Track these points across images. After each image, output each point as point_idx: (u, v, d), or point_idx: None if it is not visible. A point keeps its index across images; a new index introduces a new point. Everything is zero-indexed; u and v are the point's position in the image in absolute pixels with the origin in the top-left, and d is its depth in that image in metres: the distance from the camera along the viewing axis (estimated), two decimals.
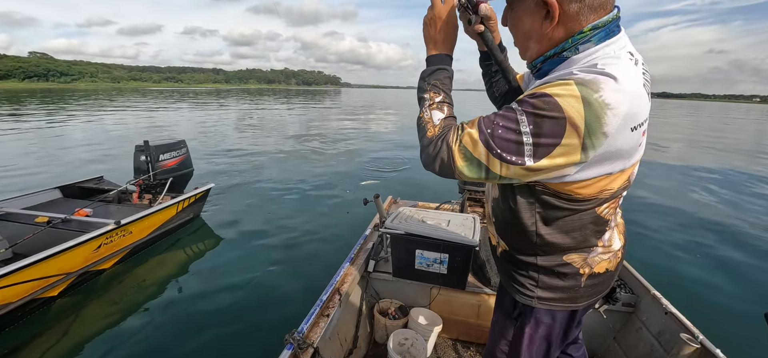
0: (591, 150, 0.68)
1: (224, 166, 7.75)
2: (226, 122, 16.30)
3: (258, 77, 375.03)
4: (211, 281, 3.35)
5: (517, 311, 0.99)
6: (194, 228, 4.41)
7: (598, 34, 0.72)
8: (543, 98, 0.67)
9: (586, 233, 0.85)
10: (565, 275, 0.89)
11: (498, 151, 0.71)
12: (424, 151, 0.81)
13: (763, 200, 7.04)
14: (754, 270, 4.11)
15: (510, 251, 0.96)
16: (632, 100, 0.68)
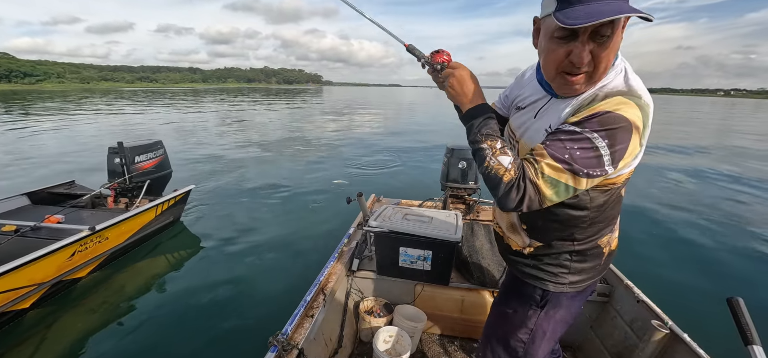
0: (644, 142, 0.83)
1: (205, 168, 7.57)
2: (205, 123, 15.90)
3: (237, 76, 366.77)
4: (193, 286, 3.28)
5: (545, 300, 1.07)
6: (175, 232, 4.30)
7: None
8: (607, 115, 0.78)
9: (613, 213, 0.99)
10: (594, 256, 1.02)
11: (584, 170, 0.79)
12: (507, 196, 0.82)
13: (725, 190, 7.44)
14: (717, 256, 4.36)
15: (543, 248, 1.04)
16: (647, 91, 0.84)
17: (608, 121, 0.77)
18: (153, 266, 3.59)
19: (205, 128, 13.94)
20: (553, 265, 1.03)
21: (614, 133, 0.77)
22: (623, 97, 0.79)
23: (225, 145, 10.36)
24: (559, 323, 1.11)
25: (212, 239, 4.19)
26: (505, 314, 1.16)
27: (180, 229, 4.41)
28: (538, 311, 1.08)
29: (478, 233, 2.41)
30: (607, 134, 0.77)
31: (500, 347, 1.17)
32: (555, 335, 1.13)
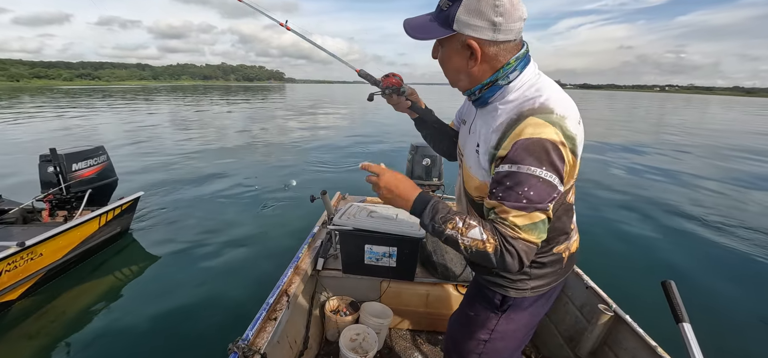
0: (578, 150, 0.86)
1: (156, 173, 7.07)
2: (157, 124, 14.87)
3: (192, 73, 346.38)
4: (146, 300, 3.05)
5: (506, 305, 1.08)
6: (123, 244, 3.98)
7: (519, 64, 0.89)
8: (530, 142, 0.80)
9: (565, 220, 1.02)
10: (553, 262, 1.05)
11: (545, 201, 0.81)
12: (504, 263, 0.82)
13: (661, 180, 8.19)
14: (654, 241, 4.78)
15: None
16: (568, 105, 0.86)
17: (535, 149, 0.79)
18: (99, 282, 3.30)
19: (157, 130, 13.04)
20: (514, 274, 1.04)
21: (546, 157, 0.79)
22: (535, 118, 0.81)
23: (179, 147, 9.76)
24: (521, 327, 1.13)
25: (166, 248, 3.93)
26: (468, 316, 1.19)
27: (129, 240, 4.09)
28: (499, 315, 1.10)
29: None
30: (541, 161, 0.79)
31: (461, 345, 1.21)
32: (518, 337, 1.15)
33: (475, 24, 0.83)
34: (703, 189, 7.12)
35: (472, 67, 0.89)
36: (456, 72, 0.94)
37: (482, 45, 0.85)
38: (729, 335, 2.93)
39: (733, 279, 3.79)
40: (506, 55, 0.87)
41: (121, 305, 3.00)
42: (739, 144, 13.86)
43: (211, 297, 3.10)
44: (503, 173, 0.82)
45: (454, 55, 0.90)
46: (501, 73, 0.88)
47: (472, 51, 0.86)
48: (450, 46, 0.90)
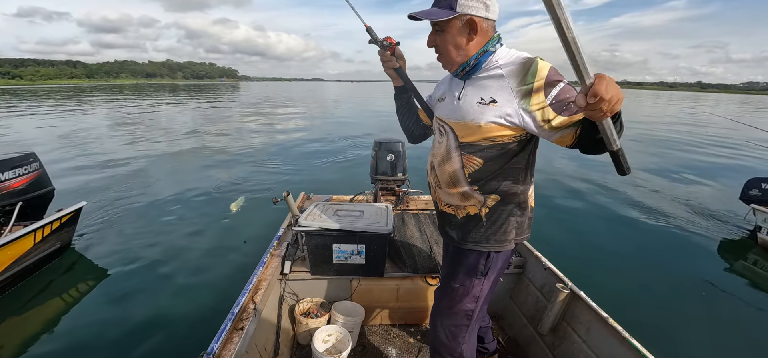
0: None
1: (98, 180, 6.46)
2: (95, 127, 13.55)
3: (133, 71, 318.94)
4: (97, 321, 2.79)
5: (487, 267, 1.23)
6: (66, 261, 3.60)
7: (499, 38, 1.15)
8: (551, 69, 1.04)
9: (532, 169, 1.21)
10: (528, 209, 1.23)
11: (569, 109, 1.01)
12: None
13: (609, 166, 8.91)
14: (601, 225, 5.22)
15: (499, 203, 1.19)
16: None
17: (554, 73, 1.03)
18: (40, 307, 2.95)
19: (96, 133, 11.88)
20: (500, 224, 1.20)
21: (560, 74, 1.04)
22: (540, 61, 1.05)
23: (123, 151, 8.98)
24: (493, 284, 1.30)
25: (116, 263, 3.62)
26: (452, 288, 1.30)
27: (72, 256, 3.71)
28: (482, 279, 1.25)
29: (408, 223, 2.50)
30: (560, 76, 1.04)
31: (450, 321, 1.31)
32: (490, 295, 1.32)
33: (473, 5, 1.08)
34: (637, 171, 7.88)
35: (471, 41, 1.11)
36: (457, 48, 1.14)
37: (479, 21, 1.09)
38: (653, 292, 3.29)
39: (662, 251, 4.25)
40: (491, 31, 1.13)
41: (68, 329, 2.72)
42: (669, 133, 15.49)
43: (170, 312, 2.91)
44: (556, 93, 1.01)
45: (457, 33, 1.12)
46: (491, 43, 1.12)
47: (473, 26, 1.09)
48: (452, 26, 1.11)
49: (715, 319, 3.14)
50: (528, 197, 1.22)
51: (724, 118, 18.27)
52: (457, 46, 1.13)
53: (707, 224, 5.09)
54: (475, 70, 1.15)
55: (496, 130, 1.10)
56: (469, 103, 1.14)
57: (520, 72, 1.05)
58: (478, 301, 1.27)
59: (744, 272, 4.00)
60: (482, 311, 1.33)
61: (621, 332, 1.50)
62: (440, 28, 1.14)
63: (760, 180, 4.53)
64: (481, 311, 1.31)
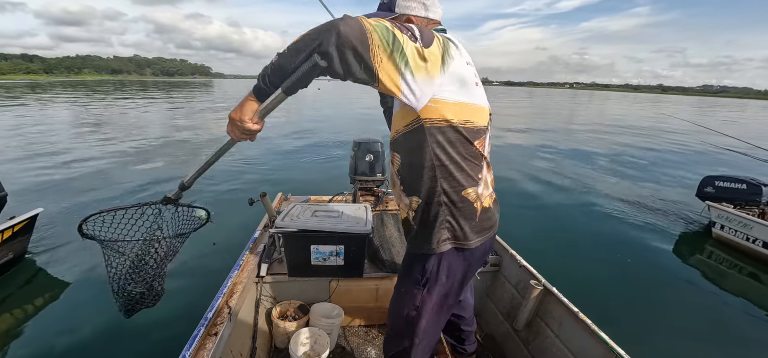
0: (445, 60, 0.98)
1: (57, 184, 6.07)
2: (55, 126, 12.71)
3: (97, 66, 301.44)
4: (58, 334, 2.61)
5: (427, 275, 1.14)
6: (20, 272, 3.36)
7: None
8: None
9: (473, 165, 1.08)
10: (466, 209, 1.10)
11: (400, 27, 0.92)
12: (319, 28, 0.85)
13: (580, 166, 9.29)
14: (569, 222, 5.43)
15: (422, 204, 1.11)
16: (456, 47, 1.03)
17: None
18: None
19: (55, 133, 11.14)
20: (433, 224, 1.10)
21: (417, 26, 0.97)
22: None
23: (84, 152, 8.47)
24: (446, 293, 1.18)
25: (77, 272, 3.40)
26: (400, 293, 1.26)
27: (28, 267, 3.47)
28: (422, 288, 1.17)
29: (387, 223, 2.50)
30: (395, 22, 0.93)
31: (397, 324, 1.27)
32: (442, 306, 1.21)
33: (411, 5, 1.10)
34: (604, 170, 8.27)
35: None
36: None
37: (419, 21, 1.09)
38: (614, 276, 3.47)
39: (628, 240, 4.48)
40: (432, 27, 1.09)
41: (24, 347, 2.53)
42: (632, 135, 16.34)
43: (139, 321, 2.70)
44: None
45: None
46: None
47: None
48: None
49: (675, 308, 3.35)
50: (462, 196, 1.08)
51: (684, 121, 19.50)
52: None
53: (667, 219, 5.41)
54: None
55: (401, 116, 1.07)
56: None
57: None
58: (419, 310, 1.18)
59: (700, 264, 4.28)
60: (431, 323, 1.21)
61: (590, 326, 1.56)
62: None
63: (713, 178, 4.86)
64: (429, 322, 1.21)
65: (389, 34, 0.86)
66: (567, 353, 1.66)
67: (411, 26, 0.94)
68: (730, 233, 4.41)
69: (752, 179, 4.54)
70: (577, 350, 1.61)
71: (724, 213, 4.47)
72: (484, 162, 1.13)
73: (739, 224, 4.31)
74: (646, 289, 3.62)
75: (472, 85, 1.05)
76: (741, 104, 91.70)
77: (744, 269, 4.07)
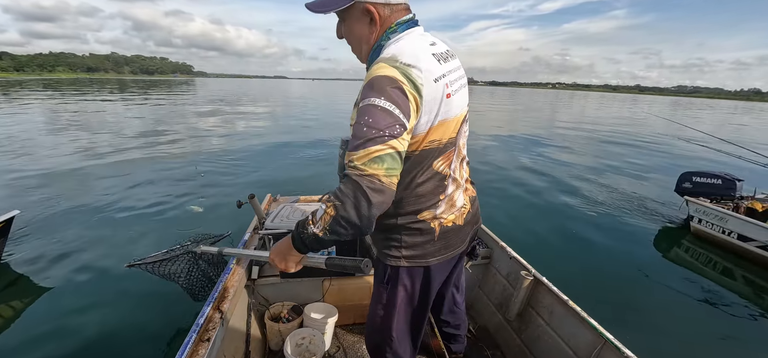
0: (419, 97, 0.88)
1: (32, 186, 5.80)
2: (27, 125, 12.16)
3: (71, 64, 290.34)
4: (39, 343, 2.48)
5: (387, 276, 1.13)
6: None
7: (402, 27, 0.97)
8: (373, 79, 0.85)
9: (432, 187, 1.04)
10: (422, 231, 1.07)
11: (386, 132, 0.82)
12: (353, 214, 0.83)
13: (562, 165, 9.49)
14: (561, 216, 5.54)
15: (379, 222, 1.06)
16: (423, 60, 0.91)
17: (375, 83, 0.85)
18: None
19: (28, 133, 10.65)
20: (389, 240, 1.10)
21: (384, 89, 0.84)
22: (382, 63, 0.88)
23: (61, 153, 8.14)
24: (408, 298, 1.16)
25: (58, 277, 3.26)
26: (374, 292, 1.27)
27: (3, 272, 3.31)
28: (386, 287, 1.17)
29: None
30: (380, 92, 0.83)
31: (369, 321, 1.29)
32: (410, 310, 1.19)
33: None
34: (587, 167, 8.48)
35: (373, 32, 0.98)
36: (359, 41, 1.01)
37: (378, 8, 0.95)
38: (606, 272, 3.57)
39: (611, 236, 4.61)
40: (395, 17, 0.97)
41: (1, 353, 2.41)
42: (612, 132, 16.82)
43: (126, 330, 2.63)
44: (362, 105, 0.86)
45: (356, 23, 0.99)
46: (384, 36, 0.97)
47: (371, 15, 0.95)
48: (351, 17, 0.98)
49: (656, 297, 3.48)
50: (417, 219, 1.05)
51: (659, 117, 20.21)
52: (358, 39, 1.01)
53: (648, 214, 5.60)
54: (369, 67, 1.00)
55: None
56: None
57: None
58: (386, 310, 1.19)
59: (679, 257, 4.45)
60: (401, 322, 1.20)
61: (580, 313, 1.60)
62: (342, 17, 1.01)
63: (691, 174, 5.05)
64: (398, 324, 1.20)
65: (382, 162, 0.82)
66: (558, 340, 1.70)
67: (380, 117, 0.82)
68: (707, 226, 4.60)
69: (727, 175, 4.74)
70: (568, 337, 1.65)
71: (701, 207, 4.65)
72: (449, 180, 1.07)
73: (715, 217, 4.49)
74: (628, 280, 3.73)
75: (444, 99, 0.94)
76: (712, 104, 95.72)
77: (720, 260, 4.25)
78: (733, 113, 42.84)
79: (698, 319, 3.24)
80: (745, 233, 4.18)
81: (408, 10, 1.01)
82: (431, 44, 0.99)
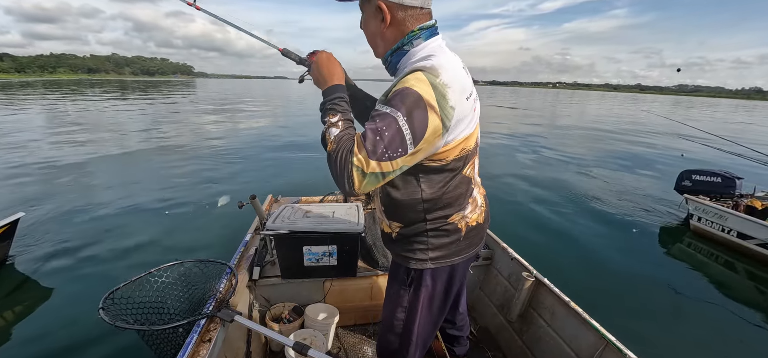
0: (447, 121, 0.89)
1: (36, 187, 5.83)
2: (30, 127, 12.19)
3: (72, 65, 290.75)
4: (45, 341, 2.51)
5: (410, 279, 1.16)
6: (2, 279, 3.23)
7: (424, 33, 0.98)
8: (404, 91, 0.86)
9: (458, 193, 1.08)
10: (449, 232, 1.10)
11: (388, 153, 0.84)
12: (330, 167, 0.89)
13: (561, 164, 9.48)
14: (557, 217, 5.55)
15: (404, 229, 1.12)
16: (460, 79, 0.93)
17: (404, 96, 0.84)
18: None
19: (31, 135, 10.67)
20: (414, 243, 1.12)
21: (410, 109, 0.84)
22: (420, 73, 0.87)
23: (64, 155, 8.16)
24: (431, 299, 1.19)
25: (61, 278, 3.29)
26: (389, 295, 1.28)
27: (10, 273, 3.34)
28: (408, 289, 1.19)
29: (379, 222, 2.51)
30: (405, 110, 0.84)
31: (387, 325, 1.29)
32: (432, 311, 1.21)
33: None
34: (588, 166, 8.48)
35: (384, 30, 0.98)
36: (373, 36, 1.03)
37: (391, 8, 0.95)
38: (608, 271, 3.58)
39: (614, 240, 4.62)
40: (413, 23, 0.97)
41: (6, 353, 2.43)
42: (613, 131, 16.80)
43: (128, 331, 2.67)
44: (377, 109, 0.88)
45: (370, 18, 1.00)
46: (407, 39, 0.97)
47: (383, 14, 0.95)
48: (367, 11, 1.00)
49: (657, 296, 3.48)
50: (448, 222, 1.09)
51: (660, 117, 20.20)
52: (373, 34, 1.03)
53: (648, 213, 5.60)
54: (393, 68, 1.04)
55: None
56: None
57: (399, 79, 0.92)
58: (409, 313, 1.21)
59: (680, 254, 4.45)
60: (422, 324, 1.22)
61: (581, 314, 1.60)
62: (362, 10, 1.03)
63: (691, 172, 5.05)
64: (420, 326, 1.21)
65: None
66: (560, 341, 1.70)
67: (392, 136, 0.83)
68: (707, 224, 4.60)
69: (726, 173, 4.75)
70: (569, 338, 1.65)
71: (701, 205, 4.65)
72: (473, 184, 1.12)
73: (715, 215, 4.49)
74: (629, 279, 3.74)
75: (471, 113, 0.98)
76: (713, 103, 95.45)
77: (720, 258, 4.25)
78: (734, 111, 42.72)
79: (699, 318, 3.24)
80: (744, 231, 4.18)
81: (430, 16, 0.99)
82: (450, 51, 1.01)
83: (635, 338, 2.80)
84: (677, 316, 3.20)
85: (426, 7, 0.98)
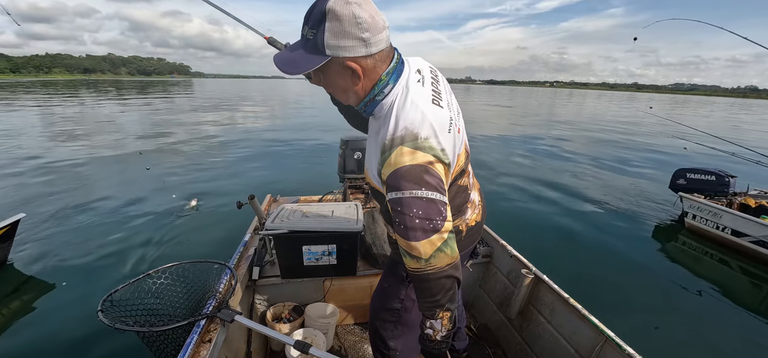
0: (446, 159, 0.90)
1: (35, 188, 5.81)
2: (26, 127, 12.12)
3: (68, 65, 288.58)
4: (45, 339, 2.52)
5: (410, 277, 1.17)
6: (3, 279, 3.23)
7: (391, 76, 0.93)
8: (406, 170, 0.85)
9: (458, 202, 1.12)
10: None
11: (437, 219, 0.86)
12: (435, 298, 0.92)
13: (561, 160, 9.52)
14: (559, 214, 5.58)
15: None
16: (436, 119, 0.91)
17: (409, 175, 0.84)
18: None
19: (28, 135, 10.62)
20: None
21: (422, 179, 0.85)
22: (404, 147, 0.86)
23: (62, 155, 8.12)
24: None
25: (62, 278, 3.29)
26: (383, 288, 1.32)
27: (11, 273, 3.34)
28: (407, 284, 1.23)
29: (378, 220, 2.52)
30: (420, 183, 0.85)
31: (380, 316, 1.33)
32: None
33: (346, 45, 0.84)
34: (583, 164, 8.53)
35: (357, 84, 0.92)
36: (344, 91, 0.96)
37: (359, 62, 0.88)
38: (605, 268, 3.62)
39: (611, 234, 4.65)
40: (382, 66, 0.92)
41: (8, 353, 2.44)
42: (609, 130, 16.88)
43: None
44: (392, 200, 0.88)
45: (337, 77, 0.92)
46: (377, 89, 0.93)
47: (353, 71, 0.89)
48: (330, 70, 0.91)
49: (653, 292, 3.52)
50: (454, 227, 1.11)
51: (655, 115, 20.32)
52: (343, 89, 0.96)
53: (644, 211, 5.65)
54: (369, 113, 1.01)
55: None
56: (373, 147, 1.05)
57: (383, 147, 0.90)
58: (403, 303, 1.26)
59: (674, 252, 4.50)
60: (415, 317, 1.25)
61: (580, 310, 1.62)
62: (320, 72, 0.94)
63: (685, 171, 5.10)
64: (414, 316, 1.26)
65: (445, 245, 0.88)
66: (559, 338, 1.72)
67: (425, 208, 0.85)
68: (702, 222, 4.65)
69: (720, 171, 4.80)
70: (569, 334, 1.68)
71: (695, 203, 4.69)
72: (470, 188, 1.17)
73: (709, 213, 4.54)
74: (625, 275, 3.78)
75: (456, 136, 0.99)
76: (709, 101, 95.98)
77: (715, 255, 4.30)
78: (730, 108, 43.01)
79: (693, 313, 3.28)
80: (738, 229, 4.23)
81: (391, 53, 0.94)
82: (418, 81, 0.96)
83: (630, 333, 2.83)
84: (672, 311, 3.25)
85: (388, 44, 0.92)
